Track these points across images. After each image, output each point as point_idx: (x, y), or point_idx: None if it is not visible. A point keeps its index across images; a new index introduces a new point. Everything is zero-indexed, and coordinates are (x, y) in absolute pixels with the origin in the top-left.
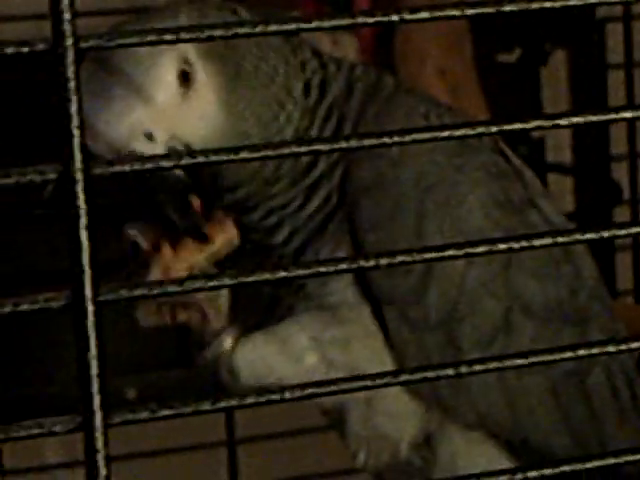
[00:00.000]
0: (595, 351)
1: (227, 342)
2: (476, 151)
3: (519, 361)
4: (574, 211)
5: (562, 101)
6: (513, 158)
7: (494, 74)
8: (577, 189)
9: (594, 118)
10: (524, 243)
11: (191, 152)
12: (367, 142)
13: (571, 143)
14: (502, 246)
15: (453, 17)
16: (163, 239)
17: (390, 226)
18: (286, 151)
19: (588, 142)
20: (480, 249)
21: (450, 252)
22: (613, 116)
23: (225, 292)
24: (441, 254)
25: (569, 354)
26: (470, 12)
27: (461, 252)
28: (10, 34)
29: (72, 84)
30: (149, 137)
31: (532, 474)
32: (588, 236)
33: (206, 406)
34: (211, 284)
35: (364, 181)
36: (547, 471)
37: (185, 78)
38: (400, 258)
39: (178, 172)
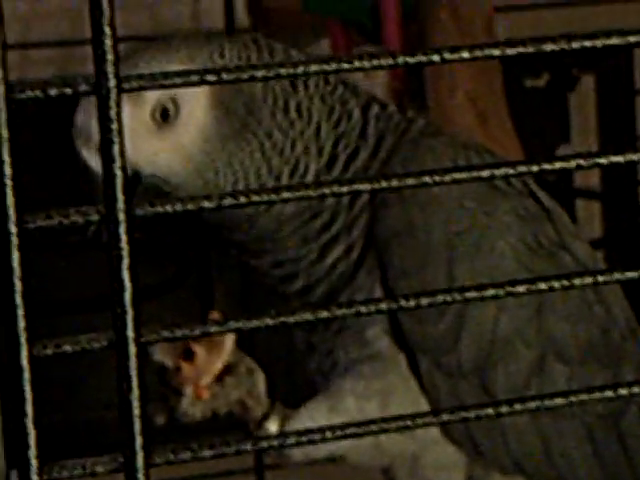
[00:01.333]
0: (637, 390)
1: (272, 428)
2: (505, 195)
3: (556, 400)
4: (602, 236)
5: (590, 126)
6: (541, 196)
7: (522, 99)
8: (605, 214)
9: (634, 157)
10: (565, 282)
11: (233, 192)
12: (408, 182)
13: (599, 169)
14: (542, 285)
15: (493, 57)
16: (180, 359)
17: (421, 272)
18: (327, 191)
19: (616, 168)
20: (519, 289)
21: (490, 292)
22: None
23: (261, 379)
24: (481, 294)
25: (607, 393)
26: (511, 52)
27: (500, 292)
28: (37, 59)
29: (115, 125)
30: None
31: None
32: (629, 275)
33: (247, 446)
34: (252, 324)
35: (393, 227)
36: None
37: (164, 115)
38: (440, 297)
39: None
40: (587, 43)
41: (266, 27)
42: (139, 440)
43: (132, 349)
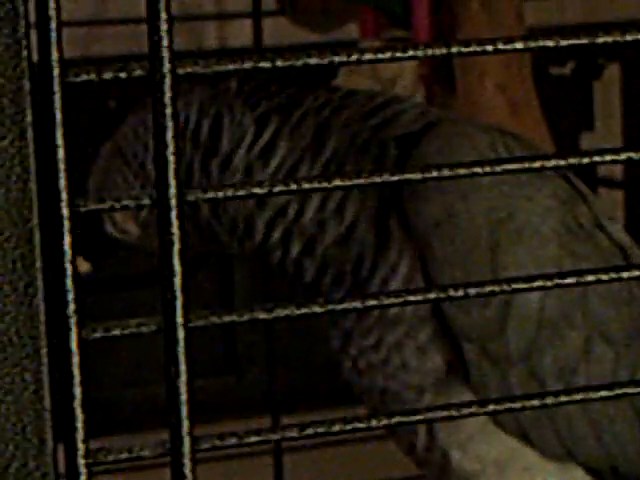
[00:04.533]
0: None
1: None
2: (544, 178)
3: (603, 392)
4: (624, 225)
5: (614, 114)
6: (573, 179)
7: (547, 87)
8: (628, 203)
9: None
10: (613, 275)
11: (284, 180)
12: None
13: None
14: (590, 277)
15: (546, 48)
16: None
17: (464, 261)
18: (362, 182)
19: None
20: (567, 281)
21: (537, 283)
22: None
23: None
24: (530, 284)
25: None
26: (565, 43)
27: (549, 283)
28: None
29: (169, 110)
30: None
31: None
32: None
33: (294, 432)
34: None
35: (434, 217)
36: None
37: None
38: (489, 288)
39: None
40: (629, 37)
41: (293, 10)
42: (186, 425)
43: (181, 334)
